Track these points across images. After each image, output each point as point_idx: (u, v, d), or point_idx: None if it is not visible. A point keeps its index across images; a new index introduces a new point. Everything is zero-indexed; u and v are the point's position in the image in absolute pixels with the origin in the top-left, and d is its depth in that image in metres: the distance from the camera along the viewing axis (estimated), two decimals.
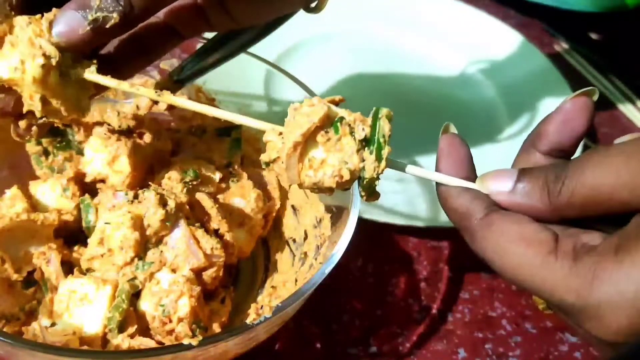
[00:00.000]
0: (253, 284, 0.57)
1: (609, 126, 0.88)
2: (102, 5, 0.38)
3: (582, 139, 0.38)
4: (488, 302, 0.64)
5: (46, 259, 0.50)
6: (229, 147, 0.59)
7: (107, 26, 0.38)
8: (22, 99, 0.41)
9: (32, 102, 0.40)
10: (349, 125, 0.39)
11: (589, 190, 0.33)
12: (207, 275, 0.50)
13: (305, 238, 0.55)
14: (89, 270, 0.49)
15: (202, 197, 0.52)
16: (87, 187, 0.55)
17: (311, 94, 0.56)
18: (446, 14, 0.99)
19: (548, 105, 0.85)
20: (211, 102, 0.62)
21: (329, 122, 0.39)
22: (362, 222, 0.48)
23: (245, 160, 0.60)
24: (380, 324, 0.61)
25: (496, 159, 0.79)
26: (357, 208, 0.48)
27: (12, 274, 0.49)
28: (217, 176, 0.55)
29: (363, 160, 0.38)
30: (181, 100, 0.41)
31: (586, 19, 1.03)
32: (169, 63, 0.59)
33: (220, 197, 0.56)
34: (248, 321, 0.42)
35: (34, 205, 0.53)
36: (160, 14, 0.47)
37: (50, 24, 0.39)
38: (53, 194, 0.53)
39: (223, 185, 0.56)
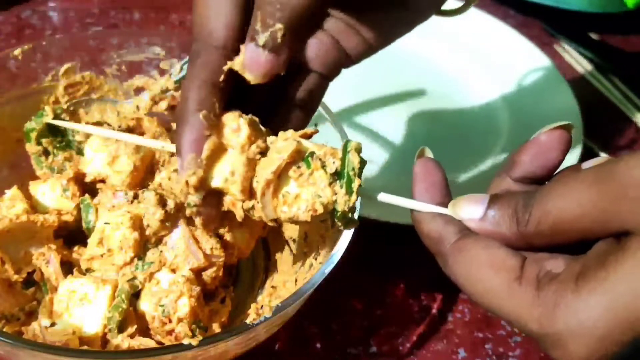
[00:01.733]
0: (253, 284, 0.57)
1: (609, 126, 0.88)
2: (267, 22, 0.38)
3: (555, 170, 0.38)
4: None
5: (46, 259, 0.50)
6: None
7: (279, 40, 0.38)
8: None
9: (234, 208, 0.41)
10: (320, 159, 0.39)
11: (553, 219, 0.34)
12: (207, 275, 0.50)
13: (305, 238, 0.55)
14: (88, 270, 0.49)
15: None
16: (87, 187, 0.55)
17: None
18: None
19: (548, 105, 0.85)
20: None
21: (299, 157, 0.39)
22: (362, 222, 0.48)
23: None
24: (380, 324, 0.61)
25: (496, 159, 0.79)
26: (357, 208, 0.48)
27: (12, 274, 0.49)
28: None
29: (335, 193, 0.39)
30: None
31: (586, 19, 1.03)
32: (168, 63, 0.60)
33: None
34: (248, 321, 0.42)
35: (34, 206, 0.53)
36: (312, 65, 0.45)
37: (242, 66, 0.39)
38: (53, 194, 0.53)
39: None
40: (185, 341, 0.40)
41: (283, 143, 0.39)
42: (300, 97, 0.45)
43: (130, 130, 0.56)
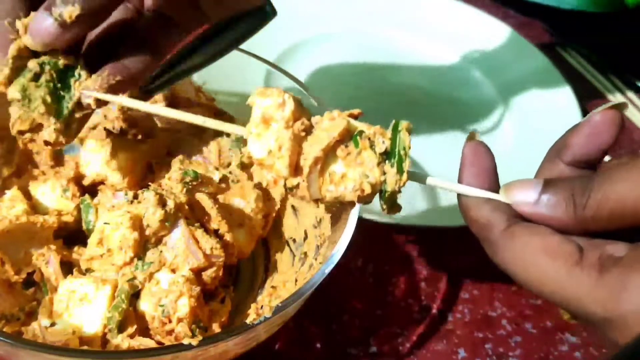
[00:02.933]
0: (253, 284, 0.57)
1: None
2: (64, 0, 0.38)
3: (607, 152, 0.38)
4: (488, 302, 0.64)
5: (45, 259, 0.50)
6: (229, 147, 0.59)
7: (72, 19, 0.38)
8: None
9: None
10: (369, 138, 0.39)
11: (614, 203, 0.33)
12: (207, 275, 0.50)
13: (305, 238, 0.55)
14: (88, 270, 0.49)
15: (202, 197, 0.52)
16: (87, 188, 0.55)
17: (311, 94, 0.56)
18: (446, 14, 0.99)
19: (548, 105, 0.85)
20: (211, 102, 0.62)
21: (348, 136, 0.39)
22: (362, 222, 0.48)
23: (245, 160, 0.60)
24: (380, 324, 0.61)
25: (496, 160, 0.79)
26: (357, 208, 0.48)
27: (12, 275, 0.49)
28: (217, 176, 0.55)
29: (384, 174, 0.39)
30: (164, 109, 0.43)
31: (586, 19, 1.03)
32: None
33: (220, 197, 0.56)
34: (248, 321, 0.42)
35: (34, 206, 0.53)
36: (150, 5, 0.46)
37: (26, 29, 0.40)
38: (53, 195, 0.53)
39: (223, 185, 0.56)
40: (185, 341, 0.40)
41: (329, 122, 0.39)
42: (151, 39, 0.46)
43: (124, 131, 0.56)
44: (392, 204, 0.40)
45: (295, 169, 0.39)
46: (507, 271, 0.36)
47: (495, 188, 0.38)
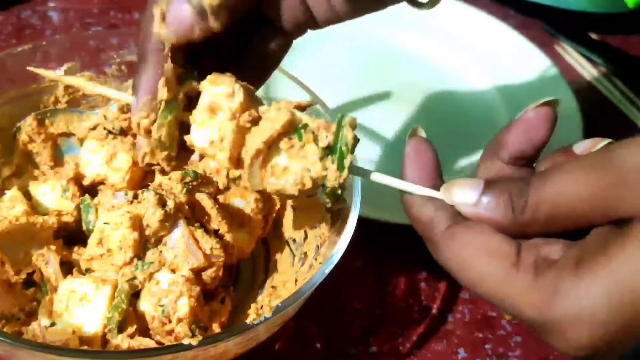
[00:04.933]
0: (253, 284, 0.57)
1: (609, 127, 0.88)
2: None
3: (543, 148, 0.38)
4: (488, 302, 0.63)
5: (45, 260, 0.50)
6: None
7: (214, 6, 0.37)
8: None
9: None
10: (313, 132, 0.38)
11: (550, 206, 0.33)
12: (207, 275, 0.50)
13: (305, 238, 0.55)
14: (88, 270, 0.49)
15: (202, 197, 0.52)
16: (87, 188, 0.55)
17: (311, 94, 0.56)
18: (446, 14, 0.99)
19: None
20: None
21: (292, 129, 0.38)
22: (362, 222, 0.48)
23: None
24: (380, 324, 0.61)
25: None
26: (357, 208, 0.48)
27: (12, 275, 0.49)
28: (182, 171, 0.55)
29: (326, 169, 0.38)
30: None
31: (586, 19, 1.03)
32: None
33: (220, 197, 0.56)
34: (248, 321, 0.42)
35: (34, 206, 0.53)
36: (279, 23, 0.44)
37: (163, 17, 0.39)
38: (53, 195, 0.53)
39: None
40: (185, 341, 0.40)
41: (276, 112, 0.38)
42: (264, 52, 0.45)
43: (123, 131, 0.56)
44: (336, 198, 0.39)
45: (238, 161, 0.38)
46: (449, 271, 0.36)
47: (438, 185, 0.38)
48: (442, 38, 0.96)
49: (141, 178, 0.55)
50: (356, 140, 0.38)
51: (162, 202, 0.49)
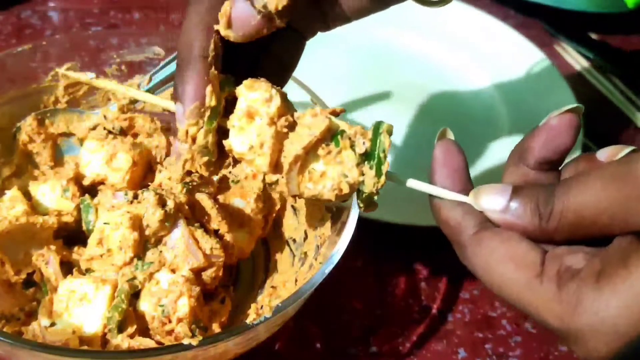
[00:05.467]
0: (253, 284, 0.57)
1: (609, 126, 0.88)
2: None
3: (567, 154, 0.38)
4: (488, 302, 0.64)
5: (45, 260, 0.50)
6: None
7: (280, 8, 0.37)
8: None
9: None
10: (350, 138, 0.39)
11: (574, 216, 0.34)
12: (207, 275, 0.50)
13: (305, 238, 0.55)
14: (88, 270, 0.49)
15: (202, 197, 0.52)
16: (87, 188, 0.55)
17: (311, 93, 0.56)
18: (446, 14, 0.99)
19: (548, 105, 0.84)
20: None
21: (329, 135, 0.39)
22: (362, 222, 0.48)
23: None
24: (380, 324, 0.61)
25: (496, 159, 0.79)
26: (357, 208, 0.48)
27: (12, 275, 0.49)
28: (217, 176, 0.55)
29: (362, 174, 0.39)
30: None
31: (586, 19, 1.03)
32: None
33: (220, 197, 0.56)
34: (248, 321, 0.42)
35: (34, 206, 0.53)
36: (297, 26, 0.45)
37: (229, 22, 0.39)
38: (53, 195, 0.53)
39: (223, 185, 0.56)
40: (185, 341, 0.40)
41: (312, 119, 0.39)
42: (282, 57, 0.45)
43: (123, 131, 0.56)
44: (368, 203, 0.40)
45: (276, 166, 0.39)
46: (474, 274, 0.37)
47: (467, 189, 0.39)
48: (442, 38, 0.96)
49: (141, 178, 0.55)
50: (390, 146, 0.39)
51: (162, 202, 0.49)
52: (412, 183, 0.40)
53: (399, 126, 0.82)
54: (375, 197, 0.40)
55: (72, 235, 0.53)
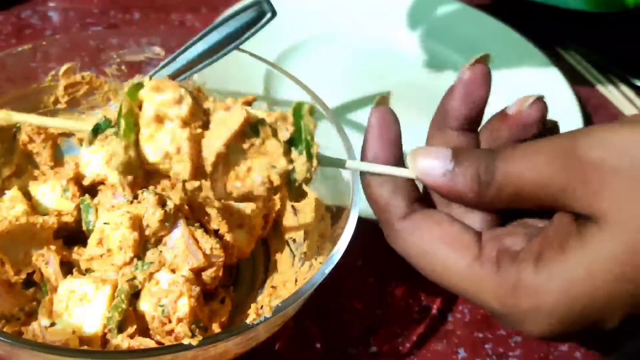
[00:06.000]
0: (253, 284, 0.57)
1: None
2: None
3: (485, 106, 0.38)
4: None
5: (45, 260, 0.50)
6: None
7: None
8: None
9: None
10: (271, 126, 0.36)
11: (513, 188, 0.34)
12: (207, 275, 0.50)
13: (305, 238, 0.55)
14: (88, 270, 0.49)
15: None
16: (87, 188, 0.55)
17: (311, 94, 0.56)
18: (446, 14, 0.99)
19: (548, 105, 0.85)
20: None
21: (248, 126, 0.36)
22: (362, 222, 0.48)
23: None
24: (380, 324, 0.60)
25: None
26: (357, 208, 0.48)
27: (12, 275, 0.49)
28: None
29: (291, 162, 0.36)
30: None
31: (586, 19, 1.03)
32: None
33: None
34: (248, 321, 0.42)
35: (34, 206, 0.53)
36: None
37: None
38: (53, 195, 0.53)
39: None
40: (185, 341, 0.40)
41: (226, 113, 0.36)
42: None
43: None
44: (299, 193, 0.38)
45: (196, 171, 0.36)
46: (408, 259, 0.36)
47: (399, 160, 0.37)
48: (442, 38, 0.96)
49: (141, 178, 0.55)
50: (315, 127, 0.37)
51: (162, 202, 0.49)
52: (351, 164, 0.38)
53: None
54: (308, 184, 0.37)
55: (72, 235, 0.53)
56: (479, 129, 0.39)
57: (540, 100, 0.38)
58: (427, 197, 0.39)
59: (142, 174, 0.37)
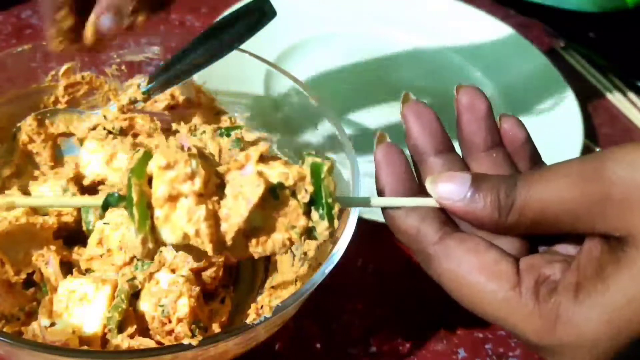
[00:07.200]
0: (253, 284, 0.57)
1: (609, 126, 0.88)
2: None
3: (492, 114, 0.39)
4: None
5: (45, 260, 0.50)
6: (229, 148, 0.59)
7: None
8: None
9: None
10: (288, 188, 0.35)
11: (535, 214, 0.33)
12: (207, 275, 0.50)
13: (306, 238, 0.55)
14: (88, 270, 0.49)
15: None
16: (87, 188, 0.55)
17: (311, 94, 0.56)
18: (446, 14, 0.99)
19: (548, 105, 0.85)
20: (211, 102, 0.62)
21: (266, 192, 0.34)
22: (362, 222, 0.48)
23: None
24: (380, 324, 0.60)
25: None
26: (357, 208, 0.48)
27: (12, 276, 0.49)
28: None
29: (311, 220, 0.35)
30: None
31: (586, 19, 1.03)
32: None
33: None
34: (248, 321, 0.42)
35: (35, 206, 0.53)
36: None
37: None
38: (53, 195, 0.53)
39: None
40: (185, 341, 0.40)
41: (240, 176, 0.34)
42: None
43: (123, 130, 0.56)
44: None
45: (216, 244, 0.34)
46: (442, 285, 0.36)
47: (414, 188, 0.37)
48: (442, 38, 0.96)
49: None
50: (335, 187, 0.36)
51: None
52: (376, 201, 0.38)
53: (399, 126, 0.82)
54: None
55: (72, 235, 0.53)
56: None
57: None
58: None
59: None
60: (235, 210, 0.33)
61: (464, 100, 0.38)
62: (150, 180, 0.33)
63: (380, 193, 0.38)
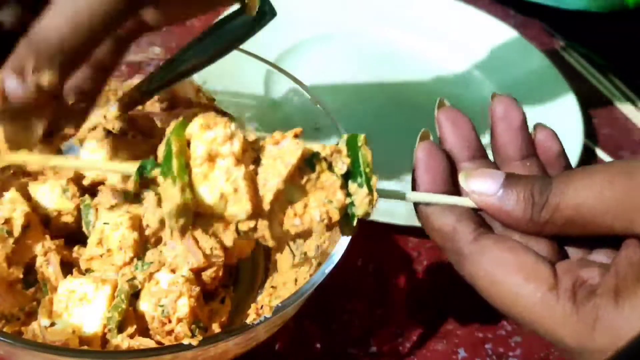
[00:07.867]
0: (253, 284, 0.57)
1: (609, 127, 0.88)
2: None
3: (526, 124, 0.39)
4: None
5: (46, 260, 0.50)
6: None
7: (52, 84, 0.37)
8: None
9: None
10: (325, 159, 0.35)
11: (571, 211, 0.33)
12: (207, 275, 0.50)
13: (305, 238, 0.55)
14: (88, 270, 0.49)
15: None
16: (87, 188, 0.55)
17: (311, 94, 0.56)
18: (446, 14, 0.99)
19: (548, 105, 0.85)
20: (211, 102, 0.62)
21: (302, 161, 0.34)
22: (362, 222, 0.48)
23: None
24: (380, 324, 0.60)
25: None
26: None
27: (12, 276, 0.49)
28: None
29: (349, 195, 0.35)
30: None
31: (586, 19, 1.03)
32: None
33: None
34: (248, 321, 0.42)
35: (34, 207, 0.53)
36: None
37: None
38: (53, 195, 0.53)
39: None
40: (185, 341, 0.40)
41: (276, 147, 0.34)
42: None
43: (124, 132, 0.56)
44: (353, 228, 0.36)
45: (255, 206, 0.33)
46: (475, 286, 0.35)
47: (452, 190, 0.37)
48: (442, 38, 0.96)
49: None
50: (372, 157, 0.36)
51: (162, 202, 0.49)
52: (411, 196, 0.37)
53: (399, 127, 0.82)
54: (367, 218, 0.36)
55: (72, 235, 0.53)
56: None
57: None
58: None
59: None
60: (273, 172, 0.33)
61: (499, 110, 0.38)
62: (188, 145, 0.34)
63: (415, 189, 0.37)
